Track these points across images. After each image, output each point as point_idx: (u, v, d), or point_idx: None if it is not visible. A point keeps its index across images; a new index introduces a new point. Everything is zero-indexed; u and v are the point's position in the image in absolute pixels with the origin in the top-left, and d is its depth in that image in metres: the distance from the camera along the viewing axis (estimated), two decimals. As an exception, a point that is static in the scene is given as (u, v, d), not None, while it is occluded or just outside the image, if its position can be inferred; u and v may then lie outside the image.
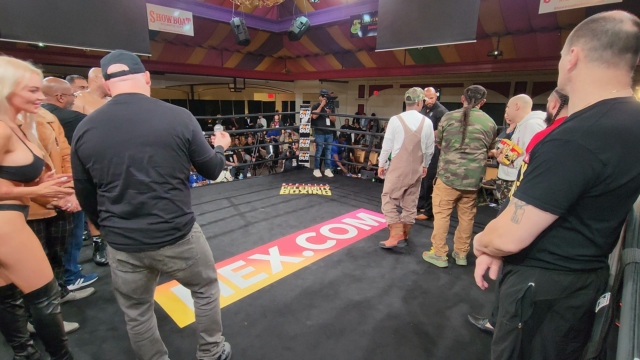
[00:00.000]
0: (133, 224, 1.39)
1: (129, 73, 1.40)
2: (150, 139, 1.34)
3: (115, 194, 1.36)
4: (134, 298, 1.53)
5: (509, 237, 0.95)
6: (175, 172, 1.42)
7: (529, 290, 1.00)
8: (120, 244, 1.41)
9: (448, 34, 5.12)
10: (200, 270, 1.62)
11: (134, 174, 1.34)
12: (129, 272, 1.47)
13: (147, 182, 1.36)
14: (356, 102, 14.70)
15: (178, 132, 1.39)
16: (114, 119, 1.34)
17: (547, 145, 0.90)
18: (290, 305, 2.42)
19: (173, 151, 1.39)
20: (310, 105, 6.32)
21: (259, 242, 3.43)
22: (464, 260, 3.05)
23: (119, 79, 1.39)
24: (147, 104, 1.39)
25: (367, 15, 6.98)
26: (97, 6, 5.00)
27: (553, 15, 5.84)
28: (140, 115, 1.36)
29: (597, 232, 0.92)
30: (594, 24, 0.90)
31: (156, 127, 1.36)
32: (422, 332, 2.18)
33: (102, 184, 1.37)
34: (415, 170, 3.14)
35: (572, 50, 0.94)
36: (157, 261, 1.47)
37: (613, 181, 0.85)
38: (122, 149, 1.32)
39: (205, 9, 7.34)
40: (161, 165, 1.37)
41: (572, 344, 1.00)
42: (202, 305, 1.70)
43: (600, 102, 0.90)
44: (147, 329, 1.60)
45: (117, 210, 1.38)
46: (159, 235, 1.42)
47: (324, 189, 5.40)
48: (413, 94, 3.12)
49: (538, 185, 0.90)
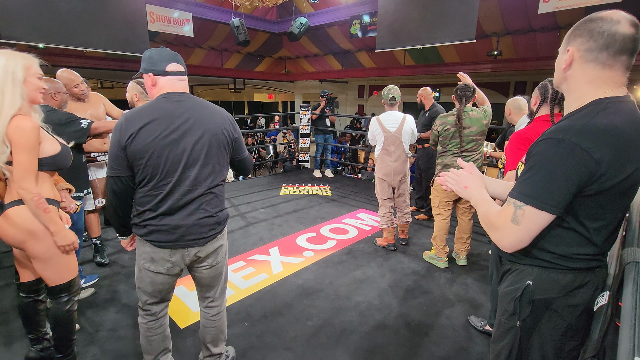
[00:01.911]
0: (181, 220, 1.40)
1: (185, 74, 1.45)
2: (206, 137, 1.39)
3: (166, 191, 1.36)
4: (158, 297, 1.54)
5: (509, 239, 0.95)
6: (222, 168, 1.49)
7: (527, 288, 1.01)
8: (166, 242, 1.41)
9: (447, 34, 5.12)
10: (223, 271, 1.66)
11: (188, 170, 1.37)
12: (161, 274, 1.47)
13: (200, 179, 1.40)
14: (356, 103, 14.70)
15: (227, 130, 1.46)
16: (170, 116, 1.35)
17: (542, 144, 0.91)
18: (291, 306, 2.43)
19: (223, 149, 1.46)
20: (310, 106, 6.33)
21: (260, 243, 3.44)
22: (464, 260, 3.05)
23: (178, 77, 1.42)
24: (199, 103, 1.43)
25: (367, 16, 6.98)
26: (97, 7, 5.00)
27: (552, 15, 5.84)
28: (195, 114, 1.39)
29: (594, 231, 0.93)
30: (591, 24, 0.90)
31: (210, 126, 1.41)
32: (423, 333, 2.19)
33: (151, 181, 1.35)
34: (399, 171, 3.17)
35: (568, 50, 0.94)
36: (197, 257, 1.50)
37: (607, 180, 0.86)
38: (180, 145, 1.35)
39: (205, 9, 7.34)
40: (212, 162, 1.43)
41: (570, 342, 1.00)
42: (211, 316, 1.69)
43: (594, 102, 0.90)
44: (160, 324, 1.61)
45: (165, 207, 1.37)
46: (205, 230, 1.46)
47: (324, 189, 5.41)
48: (396, 92, 3.14)
49: (534, 184, 0.90)
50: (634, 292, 0.77)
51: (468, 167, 1.17)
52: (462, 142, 2.75)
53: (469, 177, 1.14)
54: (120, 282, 2.68)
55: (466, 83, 2.81)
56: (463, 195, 1.14)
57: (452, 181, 1.17)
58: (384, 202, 3.27)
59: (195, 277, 1.61)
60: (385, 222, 3.29)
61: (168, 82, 1.40)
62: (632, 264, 0.85)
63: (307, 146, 6.62)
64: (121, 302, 2.42)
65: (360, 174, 7.70)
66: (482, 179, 1.14)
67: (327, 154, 6.51)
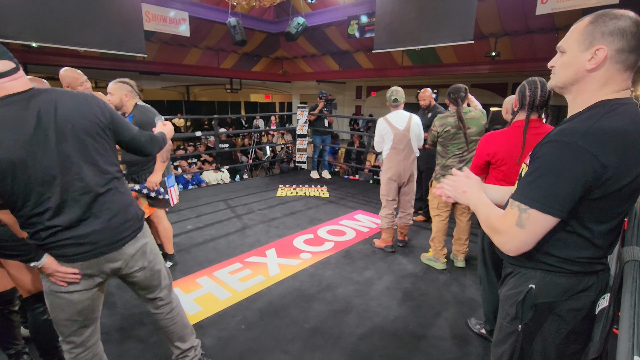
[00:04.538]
0: (86, 229, 1.23)
1: (17, 70, 1.18)
2: (72, 131, 1.19)
3: (55, 204, 1.17)
4: (79, 321, 1.32)
5: (513, 242, 0.93)
6: (109, 160, 1.31)
7: (530, 292, 0.99)
8: (75, 255, 1.23)
9: (445, 34, 5.12)
10: (160, 268, 1.52)
11: (68, 173, 1.18)
12: (77, 292, 1.28)
13: (87, 178, 1.22)
14: (354, 103, 14.70)
15: (95, 115, 1.27)
16: (18, 120, 1.12)
17: (547, 146, 0.89)
18: (288, 308, 2.40)
19: (100, 137, 1.27)
20: (308, 107, 6.31)
21: (256, 245, 3.41)
22: (463, 262, 3.04)
23: (9, 79, 1.15)
24: (52, 96, 1.19)
25: (365, 16, 6.97)
26: (92, 6, 4.95)
27: (550, 17, 5.85)
28: (50, 109, 1.16)
29: (598, 234, 0.91)
30: (620, 22, 0.84)
31: (73, 117, 1.20)
32: (421, 335, 2.17)
33: (28, 200, 1.14)
34: (408, 169, 3.15)
35: (599, 48, 0.86)
36: (119, 263, 1.34)
37: (613, 183, 0.84)
38: (45, 148, 1.14)
39: (201, 9, 7.30)
40: (93, 156, 1.25)
41: (572, 346, 0.99)
42: (167, 314, 1.57)
43: (598, 103, 0.89)
44: (93, 354, 1.40)
45: (63, 221, 1.19)
46: (117, 231, 1.30)
47: (322, 191, 5.38)
48: (398, 94, 3.14)
49: (539, 187, 0.88)
50: (633, 290, 0.76)
51: (465, 172, 1.17)
52: (468, 142, 2.72)
53: (467, 182, 1.13)
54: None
55: (457, 84, 2.80)
56: (462, 200, 1.13)
57: (449, 187, 1.16)
58: (389, 203, 3.24)
59: (131, 283, 1.45)
60: (387, 223, 3.26)
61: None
62: (631, 262, 0.84)
63: (305, 147, 6.59)
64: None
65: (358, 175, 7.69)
66: (480, 182, 1.13)
67: (325, 155, 6.50)
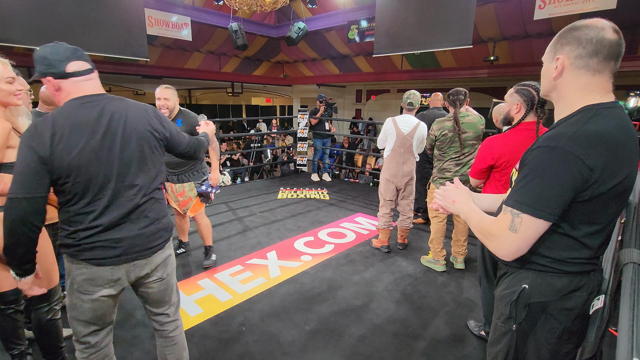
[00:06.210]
0: (122, 233, 1.26)
1: (92, 71, 1.25)
2: (135, 140, 1.26)
3: (103, 206, 1.22)
4: (97, 324, 1.34)
5: (507, 247, 0.96)
6: (158, 171, 1.36)
7: (523, 292, 1.01)
8: (107, 257, 1.25)
9: (444, 39, 5.17)
10: (174, 283, 1.51)
11: (123, 179, 1.24)
12: (102, 297, 1.29)
13: (137, 186, 1.28)
14: (354, 107, 14.73)
15: (156, 130, 1.33)
16: (91, 122, 1.19)
17: (535, 152, 0.93)
18: (289, 310, 2.42)
19: (155, 150, 1.34)
20: (309, 110, 6.34)
21: (257, 247, 3.43)
22: (462, 264, 3.06)
23: (85, 78, 1.23)
24: (120, 104, 1.27)
25: (365, 21, 7.03)
26: (95, 11, 5.01)
27: (548, 22, 5.90)
28: (118, 116, 1.23)
29: (589, 235, 0.94)
30: (577, 32, 0.91)
31: (137, 127, 1.27)
32: (421, 337, 2.19)
33: (83, 198, 1.19)
34: (405, 173, 3.17)
35: (558, 58, 0.95)
36: (145, 271, 1.35)
37: (600, 185, 0.87)
38: (109, 153, 1.21)
39: (204, 14, 7.38)
40: (147, 166, 1.31)
41: (565, 345, 1.01)
42: (171, 332, 1.51)
43: (584, 108, 0.92)
44: (104, 355, 1.41)
45: (104, 222, 1.22)
46: (150, 239, 1.33)
47: (322, 193, 5.41)
48: (414, 98, 3.16)
49: (529, 192, 0.91)
50: (631, 293, 0.77)
51: (455, 183, 1.23)
52: (462, 146, 2.75)
53: (456, 192, 1.19)
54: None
55: (458, 88, 2.84)
56: (452, 210, 1.19)
57: (440, 197, 1.23)
58: (386, 202, 3.27)
59: (144, 294, 1.43)
60: (383, 222, 3.30)
61: (73, 85, 1.20)
62: (629, 264, 0.86)
63: (305, 150, 6.62)
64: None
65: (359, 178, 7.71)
66: (469, 192, 1.19)
67: (325, 158, 6.52)
